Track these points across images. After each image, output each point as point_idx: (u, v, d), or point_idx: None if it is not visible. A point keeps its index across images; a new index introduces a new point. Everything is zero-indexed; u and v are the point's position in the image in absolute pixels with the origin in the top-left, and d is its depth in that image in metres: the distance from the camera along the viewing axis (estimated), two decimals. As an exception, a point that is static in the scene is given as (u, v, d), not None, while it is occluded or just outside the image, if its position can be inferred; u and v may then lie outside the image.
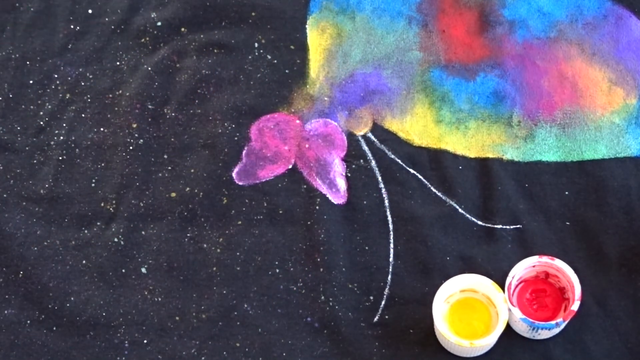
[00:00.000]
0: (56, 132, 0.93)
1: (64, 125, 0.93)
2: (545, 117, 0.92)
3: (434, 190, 0.90)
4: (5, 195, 0.91)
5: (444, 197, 0.90)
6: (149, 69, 0.95)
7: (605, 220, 0.88)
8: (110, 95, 0.95)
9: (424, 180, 0.91)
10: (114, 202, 0.90)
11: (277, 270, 0.88)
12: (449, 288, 0.83)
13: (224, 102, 0.94)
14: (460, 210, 0.89)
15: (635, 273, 0.86)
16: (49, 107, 0.94)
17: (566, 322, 0.82)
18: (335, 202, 0.90)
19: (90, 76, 0.95)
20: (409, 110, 0.93)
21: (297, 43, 0.96)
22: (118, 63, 0.96)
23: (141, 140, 0.93)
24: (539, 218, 0.88)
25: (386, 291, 0.87)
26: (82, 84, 0.95)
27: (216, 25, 0.97)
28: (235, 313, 0.87)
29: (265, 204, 0.90)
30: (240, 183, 0.91)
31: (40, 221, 0.90)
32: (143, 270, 0.88)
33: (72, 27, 0.98)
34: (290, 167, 0.91)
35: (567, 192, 0.89)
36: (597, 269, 0.87)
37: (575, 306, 0.82)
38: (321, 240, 0.88)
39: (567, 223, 0.88)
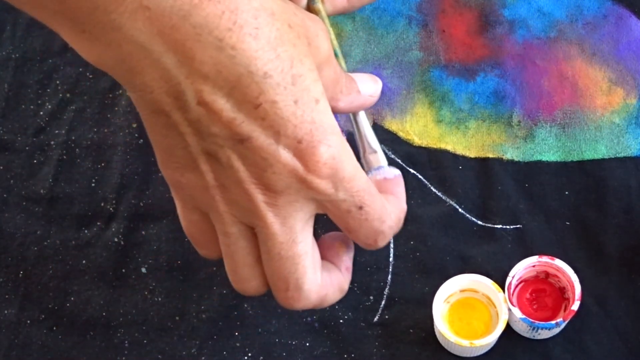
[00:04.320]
0: (56, 132, 0.93)
1: (64, 125, 0.93)
2: (545, 117, 0.92)
3: (434, 190, 0.90)
4: (5, 195, 0.91)
5: (444, 197, 0.90)
6: (149, 69, 0.95)
7: (605, 220, 0.88)
8: (110, 95, 0.95)
9: (424, 180, 0.91)
10: (114, 202, 0.90)
11: (277, 270, 0.88)
12: (449, 288, 0.83)
13: (224, 102, 0.94)
14: (460, 210, 0.89)
15: (635, 273, 0.86)
16: (49, 107, 0.94)
17: (566, 322, 0.82)
18: (335, 202, 0.90)
19: (90, 76, 0.95)
20: (409, 110, 0.93)
21: (297, 43, 0.96)
22: (118, 63, 0.96)
23: (141, 140, 0.93)
24: (539, 218, 0.88)
25: (386, 291, 0.87)
26: (82, 83, 0.95)
27: (216, 25, 0.97)
28: (235, 313, 0.87)
29: (265, 204, 0.90)
30: (240, 183, 0.91)
31: (40, 221, 0.90)
32: (143, 270, 0.88)
33: (72, 27, 0.97)
34: (290, 167, 0.91)
35: (567, 192, 0.89)
36: (597, 269, 0.86)
37: (575, 306, 0.82)
38: (321, 240, 0.88)
39: (567, 223, 0.88)
